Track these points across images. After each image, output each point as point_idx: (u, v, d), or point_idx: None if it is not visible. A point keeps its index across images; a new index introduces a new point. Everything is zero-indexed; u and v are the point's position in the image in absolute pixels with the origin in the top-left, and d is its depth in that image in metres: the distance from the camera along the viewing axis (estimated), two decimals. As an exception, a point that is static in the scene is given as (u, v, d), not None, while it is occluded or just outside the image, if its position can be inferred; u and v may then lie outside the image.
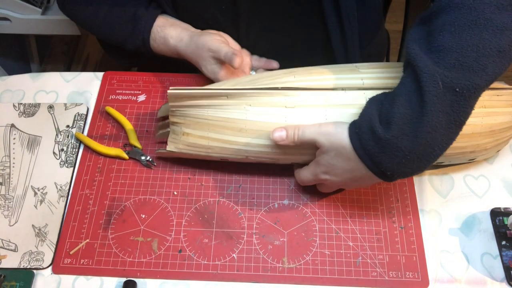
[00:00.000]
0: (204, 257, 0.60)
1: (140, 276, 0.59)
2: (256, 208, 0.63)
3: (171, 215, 0.63)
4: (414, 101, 0.48)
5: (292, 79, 0.59)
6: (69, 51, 1.54)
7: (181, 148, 0.61)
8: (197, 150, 0.61)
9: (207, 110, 0.59)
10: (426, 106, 0.46)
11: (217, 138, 0.59)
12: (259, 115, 0.57)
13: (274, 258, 0.60)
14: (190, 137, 0.60)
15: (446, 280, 0.58)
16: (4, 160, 0.68)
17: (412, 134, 0.48)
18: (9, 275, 0.59)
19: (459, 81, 0.46)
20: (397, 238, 0.61)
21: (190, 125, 0.60)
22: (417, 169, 0.51)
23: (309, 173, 0.58)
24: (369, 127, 0.50)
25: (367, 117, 0.51)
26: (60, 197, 0.65)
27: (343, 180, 0.56)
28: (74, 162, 0.68)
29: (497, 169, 0.67)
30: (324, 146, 0.54)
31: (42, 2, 1.08)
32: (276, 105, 0.57)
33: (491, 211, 0.62)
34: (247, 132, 0.58)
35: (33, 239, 0.61)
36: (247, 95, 0.58)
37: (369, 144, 0.50)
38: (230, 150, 0.59)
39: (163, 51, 0.73)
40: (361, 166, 0.52)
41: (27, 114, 0.72)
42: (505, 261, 0.59)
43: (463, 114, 0.48)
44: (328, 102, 0.57)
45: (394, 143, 0.48)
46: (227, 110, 0.58)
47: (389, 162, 0.50)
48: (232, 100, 0.58)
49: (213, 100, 0.58)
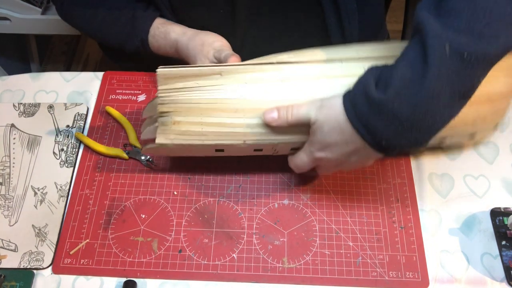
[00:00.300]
0: (204, 257, 0.60)
1: (140, 276, 0.59)
2: (256, 208, 0.64)
3: (171, 215, 0.63)
4: (417, 64, 0.44)
5: (292, 55, 0.57)
6: (69, 51, 1.55)
7: (172, 138, 0.55)
8: (190, 139, 0.56)
9: (199, 92, 0.55)
10: (429, 69, 0.43)
11: (212, 122, 0.55)
12: (254, 92, 0.54)
13: (274, 258, 0.60)
14: (182, 125, 0.55)
15: (446, 280, 0.58)
16: (4, 160, 0.68)
17: (411, 99, 0.44)
18: (9, 275, 0.59)
19: (467, 46, 0.43)
20: (397, 238, 0.61)
21: (181, 112, 0.55)
22: (415, 142, 0.47)
23: (304, 154, 0.55)
24: (364, 91, 0.47)
25: (362, 82, 0.48)
26: (60, 197, 0.65)
27: (339, 157, 0.52)
28: (74, 162, 0.68)
29: (497, 169, 0.67)
30: (317, 121, 0.51)
31: (42, 2, 1.08)
32: (271, 80, 0.55)
33: (491, 211, 0.62)
34: (243, 111, 0.54)
35: (33, 239, 0.61)
36: (241, 71, 0.55)
37: (363, 109, 0.47)
38: (226, 134, 0.55)
39: (160, 47, 0.72)
40: (355, 137, 0.49)
41: (27, 114, 0.72)
42: (505, 261, 0.59)
43: (468, 85, 0.45)
44: (325, 73, 0.55)
45: (390, 107, 0.45)
46: (220, 90, 0.55)
47: (384, 130, 0.46)
48: (225, 79, 0.55)
49: (205, 80, 0.55)
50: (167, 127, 0.56)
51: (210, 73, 0.55)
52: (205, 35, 0.68)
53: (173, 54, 0.72)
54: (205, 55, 0.66)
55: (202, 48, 0.66)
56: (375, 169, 0.66)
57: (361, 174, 0.66)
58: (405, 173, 0.66)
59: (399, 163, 0.67)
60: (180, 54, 0.71)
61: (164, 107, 0.55)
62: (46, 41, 1.54)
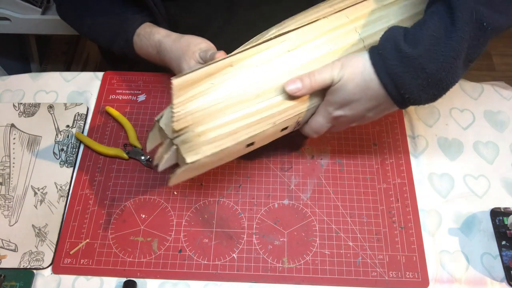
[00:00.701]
0: (204, 257, 0.60)
1: (140, 276, 0.59)
2: (256, 208, 0.64)
3: (171, 215, 0.63)
4: (445, 24, 0.48)
5: (281, 28, 0.57)
6: (69, 51, 1.54)
7: (204, 150, 0.51)
8: (223, 143, 0.51)
9: (214, 92, 0.51)
10: (456, 31, 0.47)
11: (238, 117, 0.51)
12: (268, 71, 0.53)
13: (274, 258, 0.60)
14: (208, 132, 0.51)
15: (446, 280, 0.58)
16: (4, 160, 0.68)
17: (439, 56, 0.48)
18: (9, 275, 0.59)
19: (488, 16, 0.48)
20: (397, 238, 0.61)
21: (200, 121, 0.50)
22: (432, 97, 0.51)
23: (321, 116, 0.56)
24: (395, 46, 0.49)
25: (391, 39, 0.50)
26: (60, 197, 0.65)
27: (358, 113, 0.54)
28: (74, 162, 0.68)
29: (497, 169, 0.67)
30: (342, 79, 0.52)
31: (42, 2, 1.08)
32: (279, 53, 0.54)
33: (491, 211, 0.62)
34: (264, 94, 0.52)
35: (33, 239, 0.61)
36: (248, 56, 0.53)
37: (394, 63, 0.49)
38: (256, 123, 0.53)
39: (143, 47, 0.70)
40: (380, 91, 0.51)
41: (27, 114, 0.72)
42: (505, 261, 0.59)
43: (478, 51, 0.49)
44: (323, 30, 0.55)
45: (420, 62, 0.48)
46: (235, 81, 0.52)
47: (410, 83, 0.49)
48: (236, 69, 0.53)
49: (218, 76, 0.52)
50: (192, 143, 0.51)
51: (222, 67, 0.52)
52: (191, 37, 0.67)
53: (155, 56, 0.70)
54: (190, 56, 0.64)
55: (188, 48, 0.65)
56: (375, 169, 0.66)
57: (361, 174, 0.66)
58: (405, 173, 0.66)
59: (399, 163, 0.67)
60: (162, 56, 0.68)
61: (180, 124, 0.50)
62: (46, 41, 1.53)
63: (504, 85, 0.75)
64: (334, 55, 0.54)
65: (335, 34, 0.55)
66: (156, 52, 0.69)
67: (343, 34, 0.55)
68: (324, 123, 0.56)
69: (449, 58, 0.48)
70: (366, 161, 0.67)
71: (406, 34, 0.50)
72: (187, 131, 0.51)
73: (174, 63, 0.66)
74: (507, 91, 0.74)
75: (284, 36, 0.55)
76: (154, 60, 0.71)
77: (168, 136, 0.52)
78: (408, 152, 0.68)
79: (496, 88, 0.74)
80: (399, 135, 0.69)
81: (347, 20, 0.56)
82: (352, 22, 0.56)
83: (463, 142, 0.69)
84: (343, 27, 0.55)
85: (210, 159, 0.52)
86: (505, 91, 0.74)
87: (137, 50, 0.71)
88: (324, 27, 0.55)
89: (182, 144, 0.51)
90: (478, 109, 0.72)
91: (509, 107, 0.72)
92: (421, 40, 0.48)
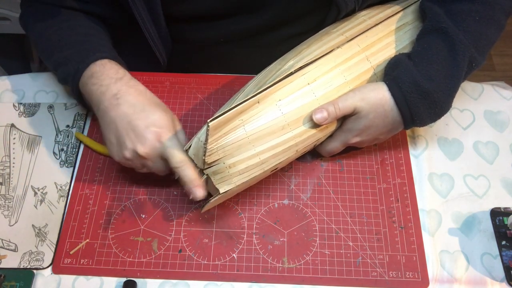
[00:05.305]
0: (204, 257, 0.60)
1: (140, 276, 0.59)
2: (256, 208, 0.63)
3: (171, 215, 0.63)
4: (449, 62, 0.58)
5: (298, 59, 0.61)
6: (69, 51, 1.54)
7: (235, 181, 0.56)
8: (252, 173, 0.57)
9: (244, 127, 0.56)
10: (459, 69, 0.58)
11: (266, 148, 0.56)
12: (291, 104, 0.58)
13: (274, 258, 0.60)
14: (238, 164, 0.56)
15: (446, 280, 0.58)
16: (4, 160, 0.68)
17: (448, 91, 0.58)
18: (9, 275, 0.59)
19: (476, 58, 0.59)
20: (397, 238, 0.61)
21: (231, 154, 0.55)
22: (434, 119, 0.60)
23: (338, 142, 0.62)
24: (413, 82, 0.57)
25: (408, 74, 0.57)
26: (60, 197, 0.65)
27: (372, 137, 0.61)
28: (74, 162, 0.68)
29: (497, 169, 0.67)
30: (363, 110, 0.58)
31: (42, 2, 1.07)
32: (300, 86, 0.58)
33: (491, 211, 0.62)
34: (289, 125, 0.57)
35: (33, 239, 0.61)
36: (274, 91, 0.57)
37: (413, 96, 0.57)
38: (281, 153, 0.58)
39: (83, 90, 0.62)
40: (397, 119, 0.59)
41: (27, 114, 0.72)
42: (505, 261, 0.59)
43: (461, 85, 0.61)
44: (338, 60, 0.60)
45: (435, 96, 0.57)
46: (261, 116, 0.56)
47: (424, 112, 0.58)
48: (263, 104, 0.57)
49: (247, 113, 0.56)
50: (224, 173, 0.56)
51: (250, 105, 0.56)
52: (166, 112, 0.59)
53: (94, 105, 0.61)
54: None
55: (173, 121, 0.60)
56: (375, 169, 0.66)
57: (361, 174, 0.66)
58: (405, 173, 0.66)
59: (399, 163, 0.67)
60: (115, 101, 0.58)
61: (212, 157, 0.55)
62: (46, 41, 1.53)
63: (504, 85, 0.75)
64: (349, 85, 0.60)
65: (349, 64, 0.61)
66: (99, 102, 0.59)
67: (356, 64, 0.61)
68: (340, 147, 0.63)
69: (453, 92, 0.59)
70: (366, 161, 0.67)
71: (419, 70, 0.58)
72: (218, 163, 0.56)
73: None
74: (507, 91, 0.74)
75: (303, 70, 0.59)
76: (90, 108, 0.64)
77: (198, 166, 0.57)
78: (408, 152, 0.68)
79: (496, 88, 0.74)
80: (399, 135, 0.69)
81: (359, 49, 0.62)
82: (364, 51, 0.62)
83: (463, 142, 0.69)
84: (355, 56, 0.61)
85: (239, 188, 0.58)
86: (505, 91, 0.74)
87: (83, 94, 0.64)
88: (338, 58, 0.61)
89: (213, 175, 0.56)
90: (478, 109, 0.72)
91: (509, 107, 0.72)
92: (434, 76, 0.57)
